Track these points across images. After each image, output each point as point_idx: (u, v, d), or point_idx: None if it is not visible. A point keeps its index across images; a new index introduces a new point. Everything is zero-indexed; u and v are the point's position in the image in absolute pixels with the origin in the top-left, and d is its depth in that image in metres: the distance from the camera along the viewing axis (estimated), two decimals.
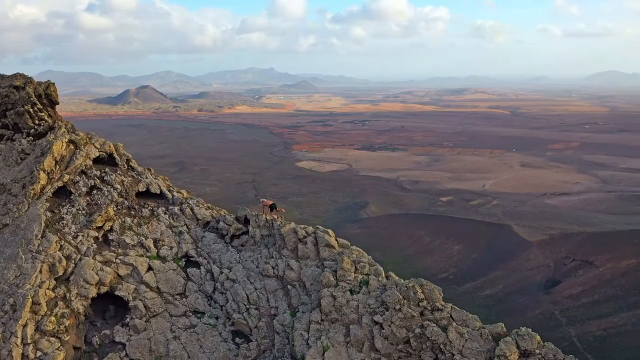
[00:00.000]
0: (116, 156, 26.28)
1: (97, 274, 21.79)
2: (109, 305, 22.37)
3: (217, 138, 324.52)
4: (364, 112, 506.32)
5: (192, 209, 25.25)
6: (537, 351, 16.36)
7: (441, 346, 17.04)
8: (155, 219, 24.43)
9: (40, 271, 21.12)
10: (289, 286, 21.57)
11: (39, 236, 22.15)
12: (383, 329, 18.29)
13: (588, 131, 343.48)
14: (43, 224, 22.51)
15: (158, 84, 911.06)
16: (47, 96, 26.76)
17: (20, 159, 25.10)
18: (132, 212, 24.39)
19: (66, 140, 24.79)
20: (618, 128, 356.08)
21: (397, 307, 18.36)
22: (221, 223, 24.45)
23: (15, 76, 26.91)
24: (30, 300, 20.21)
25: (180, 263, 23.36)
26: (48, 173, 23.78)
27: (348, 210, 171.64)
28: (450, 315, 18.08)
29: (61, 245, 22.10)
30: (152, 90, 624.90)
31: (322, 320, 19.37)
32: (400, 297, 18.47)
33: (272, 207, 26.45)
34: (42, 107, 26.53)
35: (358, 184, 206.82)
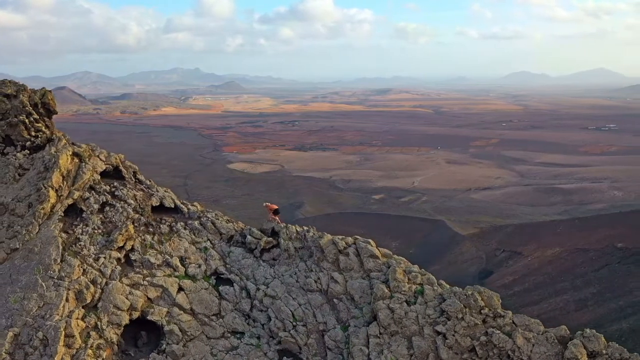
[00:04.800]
0: (122, 169, 24.25)
1: (127, 298, 20.06)
2: (140, 332, 20.71)
3: (143, 141, 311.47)
4: (294, 112, 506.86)
5: (213, 223, 23.77)
6: (604, 351, 17.04)
7: (509, 352, 17.31)
8: (175, 235, 22.75)
9: (67, 299, 19.14)
10: (334, 300, 20.92)
11: (59, 260, 20.03)
12: (447, 338, 18.27)
13: (505, 128, 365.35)
14: (61, 247, 20.40)
15: (76, 85, 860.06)
16: (43, 105, 24.17)
17: (18, 174, 22.39)
18: (151, 229, 22.57)
19: (70, 153, 22.57)
20: (531, 125, 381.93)
21: (460, 315, 18.42)
22: (248, 237, 23.22)
23: (5, 83, 23.95)
24: (63, 332, 18.26)
25: (210, 281, 21.99)
26: (56, 190, 21.53)
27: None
28: (513, 321, 18.40)
29: (84, 269, 20.11)
30: (70, 91, 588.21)
31: (380, 333, 18.99)
32: (462, 305, 18.62)
33: (276, 212, 25.81)
34: (38, 117, 23.96)
35: (292, 184, 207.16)
